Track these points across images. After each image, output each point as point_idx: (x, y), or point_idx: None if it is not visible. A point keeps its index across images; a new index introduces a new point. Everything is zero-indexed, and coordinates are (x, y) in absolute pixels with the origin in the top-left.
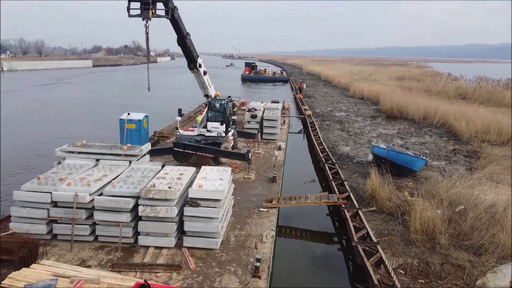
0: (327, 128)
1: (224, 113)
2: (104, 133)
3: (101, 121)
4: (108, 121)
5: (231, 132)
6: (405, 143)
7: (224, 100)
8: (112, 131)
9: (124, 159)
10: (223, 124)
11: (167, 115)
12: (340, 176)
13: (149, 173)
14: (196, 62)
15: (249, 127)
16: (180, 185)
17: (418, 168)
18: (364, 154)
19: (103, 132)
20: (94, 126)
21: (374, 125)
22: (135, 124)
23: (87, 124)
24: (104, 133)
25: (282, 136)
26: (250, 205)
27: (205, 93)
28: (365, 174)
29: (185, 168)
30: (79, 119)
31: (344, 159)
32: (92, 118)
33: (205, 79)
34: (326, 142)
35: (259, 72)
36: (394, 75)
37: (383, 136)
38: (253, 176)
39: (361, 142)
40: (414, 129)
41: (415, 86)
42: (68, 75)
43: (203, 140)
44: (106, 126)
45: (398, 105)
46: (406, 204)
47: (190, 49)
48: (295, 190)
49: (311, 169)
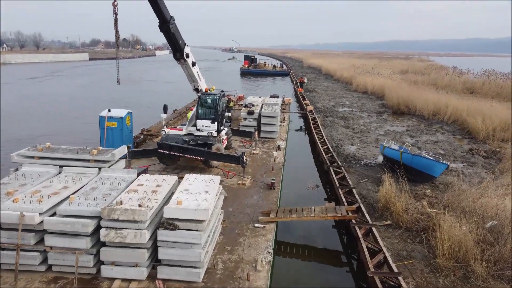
0: (330, 125)
1: (216, 110)
2: (84, 131)
3: (85, 117)
4: (92, 118)
5: (225, 130)
6: (416, 142)
7: (216, 95)
8: (94, 129)
9: (94, 166)
10: (215, 122)
11: (159, 110)
12: (347, 182)
13: (120, 184)
14: (183, 51)
15: (245, 124)
16: (154, 201)
17: (438, 173)
18: (372, 155)
19: (83, 131)
20: (75, 123)
21: (380, 121)
22: (117, 122)
23: (68, 121)
24: (84, 132)
25: (281, 134)
26: (243, 218)
27: (194, 87)
28: (375, 180)
29: (164, 178)
30: (61, 115)
31: (350, 160)
32: (75, 114)
33: (194, 71)
34: (330, 141)
35: (258, 66)
36: (397, 68)
37: (391, 134)
38: (248, 182)
39: (368, 141)
40: (424, 126)
41: (420, 80)
42: (60, 68)
43: (192, 140)
44: (89, 123)
45: (405, 100)
46: (427, 218)
47: (175, 36)
48: (296, 198)
49: (314, 172)
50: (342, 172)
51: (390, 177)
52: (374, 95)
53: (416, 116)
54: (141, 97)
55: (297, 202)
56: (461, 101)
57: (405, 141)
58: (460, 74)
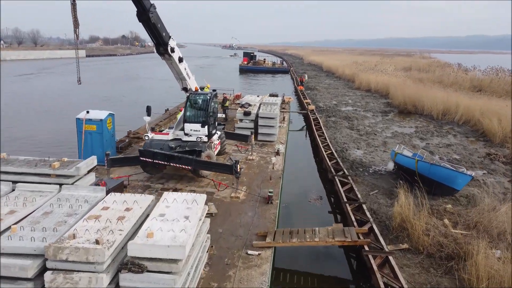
0: (333, 126)
1: (207, 112)
2: (61, 135)
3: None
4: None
5: (217, 134)
6: (427, 145)
7: (207, 94)
8: (73, 132)
9: (54, 182)
10: (205, 126)
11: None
12: (356, 196)
13: (81, 207)
14: (167, 45)
15: (241, 126)
16: (119, 233)
17: (461, 186)
18: (381, 160)
19: (61, 134)
20: (54, 125)
21: (386, 122)
22: (96, 125)
23: (47, 122)
24: (61, 136)
25: (281, 136)
26: (235, 243)
27: (183, 86)
28: (387, 191)
29: (136, 199)
30: (41, 115)
31: (357, 167)
32: (56, 114)
33: (181, 67)
34: (334, 144)
35: (258, 63)
36: (400, 65)
37: (399, 136)
38: (242, 195)
39: (375, 144)
40: (434, 126)
41: (425, 77)
42: (53, 64)
43: (179, 146)
44: (69, 125)
45: (412, 98)
46: (452, 242)
47: (157, 27)
48: (297, 213)
49: (316, 180)
50: (349, 182)
51: (405, 189)
52: (378, 93)
53: (424, 116)
54: (134, 94)
55: (298, 218)
56: (472, 100)
57: (415, 144)
58: (465, 71)
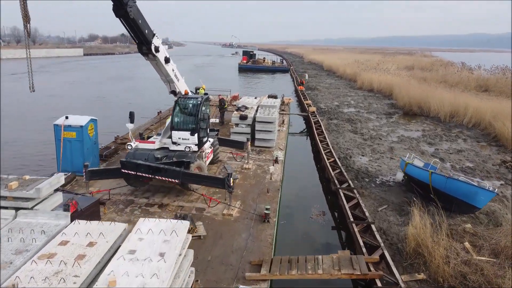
0: (335, 129)
1: (197, 118)
2: (40, 142)
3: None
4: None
5: (210, 142)
6: (436, 151)
7: (198, 98)
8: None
9: (11, 205)
10: (195, 134)
11: (144, 111)
12: (363, 213)
13: (35, 240)
14: (151, 44)
15: (237, 131)
16: (72, 281)
17: (483, 204)
18: (388, 169)
19: (40, 141)
20: (36, 129)
21: (391, 124)
22: (76, 132)
23: (28, 126)
24: (40, 143)
25: (280, 141)
26: (225, 274)
27: (171, 89)
28: (397, 206)
29: (103, 230)
30: (23, 118)
31: (363, 177)
32: (43, 118)
33: (168, 69)
34: (337, 150)
35: (257, 61)
36: (402, 64)
37: (406, 141)
38: (235, 212)
39: (380, 150)
40: (441, 130)
41: (429, 76)
42: (48, 63)
43: (166, 157)
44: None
45: (417, 99)
46: (477, 271)
47: (137, 23)
48: (297, 233)
49: (318, 191)
50: (355, 197)
51: (417, 205)
52: (380, 93)
53: (431, 118)
54: (127, 95)
55: (298, 239)
56: (482, 101)
57: (423, 151)
58: (470, 71)
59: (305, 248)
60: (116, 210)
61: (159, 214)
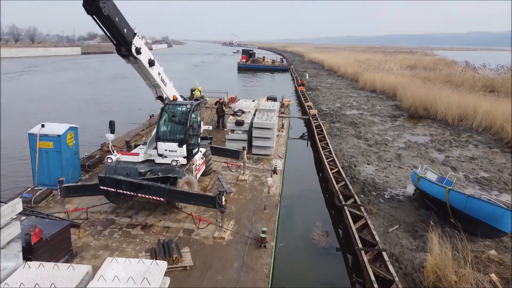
0: (338, 134)
1: (186, 127)
2: (18, 151)
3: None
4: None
5: (201, 152)
6: (447, 158)
7: (187, 105)
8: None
9: None
10: (183, 145)
11: (136, 114)
12: (372, 235)
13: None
14: (130, 45)
15: (233, 138)
16: None
17: (510, 229)
18: (397, 180)
19: (18, 150)
20: (11, 137)
21: (397, 128)
22: (53, 142)
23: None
24: (18, 152)
25: (279, 148)
26: None
27: (157, 95)
28: (410, 227)
29: (56, 279)
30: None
31: (370, 191)
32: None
33: (152, 72)
34: (340, 158)
35: (257, 61)
36: (404, 63)
37: (414, 147)
38: (228, 234)
39: (387, 158)
40: (450, 134)
41: (432, 76)
42: (44, 62)
43: (150, 171)
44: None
45: (422, 101)
46: None
47: (113, 21)
48: (298, 259)
49: (321, 205)
50: (362, 216)
51: (434, 228)
52: (384, 94)
53: (438, 121)
54: (121, 96)
55: (299, 267)
56: (492, 103)
57: (433, 158)
58: (474, 70)
59: (307, 279)
60: (93, 232)
61: (141, 237)
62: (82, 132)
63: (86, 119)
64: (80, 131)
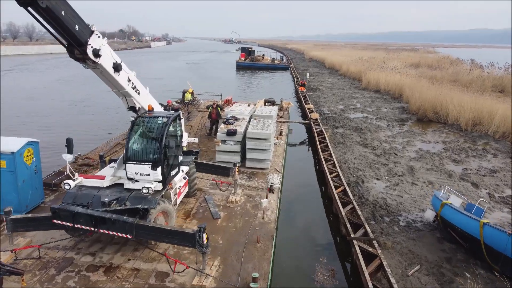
0: (342, 142)
1: (161, 144)
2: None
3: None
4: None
5: (183, 172)
6: (464, 171)
7: (164, 117)
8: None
9: None
10: (158, 167)
11: (122, 119)
12: (388, 281)
13: None
14: (85, 45)
15: (224, 149)
16: None
17: None
18: (412, 201)
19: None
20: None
21: (406, 134)
22: (6, 161)
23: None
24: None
25: (277, 159)
26: None
27: (129, 104)
28: (433, 267)
29: None
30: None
31: (382, 216)
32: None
33: (119, 79)
34: (345, 172)
35: (256, 59)
36: (407, 61)
37: (427, 158)
38: (210, 282)
39: (398, 172)
40: (465, 141)
41: (439, 75)
42: (36, 60)
43: (117, 200)
44: None
45: (432, 103)
46: None
47: (58, 15)
48: None
49: (325, 234)
50: (376, 254)
51: (466, 271)
52: (388, 95)
53: (449, 125)
54: (107, 98)
55: None
56: (508, 105)
57: (450, 172)
58: (481, 68)
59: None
60: (43, 278)
61: (103, 284)
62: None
63: (66, 124)
64: (55, 139)
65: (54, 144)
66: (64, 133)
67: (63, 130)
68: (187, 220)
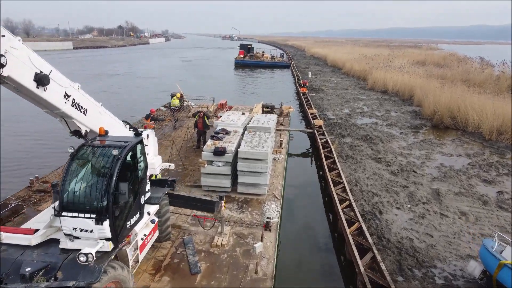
0: (351, 155)
1: (110, 187)
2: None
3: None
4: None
5: (149, 214)
6: (500, 196)
7: (116, 147)
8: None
9: None
10: (104, 221)
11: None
12: None
13: None
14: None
15: (211, 172)
16: None
17: None
18: (445, 243)
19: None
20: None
21: (422, 145)
22: None
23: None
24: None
25: (275, 181)
26: None
27: (71, 129)
28: None
29: None
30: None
31: (411, 268)
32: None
33: (46, 96)
34: (359, 198)
35: (255, 56)
36: (413, 59)
37: (452, 176)
38: None
39: (422, 197)
40: (490, 153)
41: (448, 74)
42: None
43: (44, 271)
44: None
45: (449, 107)
46: None
47: None
48: None
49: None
50: None
51: None
52: (397, 96)
53: (470, 134)
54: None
55: None
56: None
57: (482, 195)
58: (491, 66)
59: None
60: None
61: None
62: (22, 156)
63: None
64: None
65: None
66: (34, 144)
67: (31, 140)
68: (156, 276)
